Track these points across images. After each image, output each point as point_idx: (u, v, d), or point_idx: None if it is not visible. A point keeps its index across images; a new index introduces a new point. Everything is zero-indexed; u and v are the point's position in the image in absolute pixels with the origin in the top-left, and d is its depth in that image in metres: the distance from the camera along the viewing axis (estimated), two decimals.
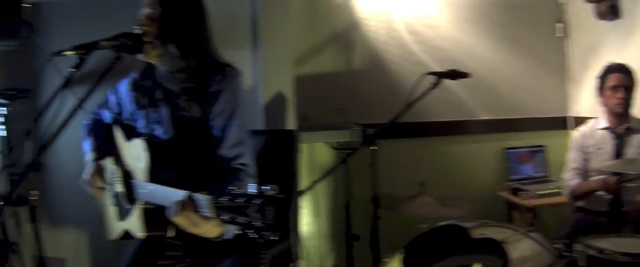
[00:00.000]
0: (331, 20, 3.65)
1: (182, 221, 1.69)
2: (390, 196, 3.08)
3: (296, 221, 2.68)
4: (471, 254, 2.54)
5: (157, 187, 1.89)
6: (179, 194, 1.72)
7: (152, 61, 2.12)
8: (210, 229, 1.77)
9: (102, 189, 2.26)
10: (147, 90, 2.21)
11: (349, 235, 3.29)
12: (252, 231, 1.43)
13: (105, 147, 2.34)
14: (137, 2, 2.15)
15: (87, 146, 2.38)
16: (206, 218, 1.67)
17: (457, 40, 3.81)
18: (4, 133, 3.04)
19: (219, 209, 1.53)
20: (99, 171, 2.24)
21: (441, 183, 3.38)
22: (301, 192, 2.88)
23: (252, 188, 1.44)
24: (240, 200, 1.45)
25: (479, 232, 2.61)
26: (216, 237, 1.83)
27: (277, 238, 1.41)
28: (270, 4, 3.11)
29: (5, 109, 3.02)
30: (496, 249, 2.45)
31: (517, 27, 3.92)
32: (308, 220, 3.59)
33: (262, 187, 1.42)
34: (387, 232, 3.12)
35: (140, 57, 2.07)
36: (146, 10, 2.05)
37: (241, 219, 1.45)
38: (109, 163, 2.29)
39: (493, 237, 2.52)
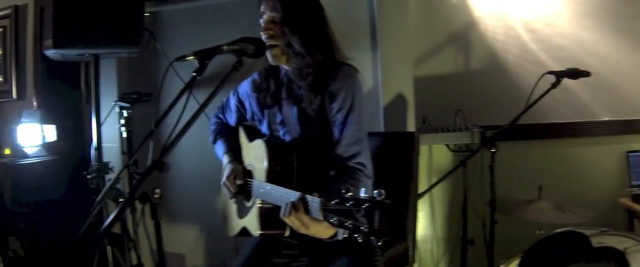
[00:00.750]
0: (449, 20, 3.60)
1: (293, 221, 1.75)
2: (507, 200, 3.00)
3: (414, 224, 2.68)
4: (591, 263, 2.45)
5: (274, 188, 1.95)
6: (293, 195, 1.77)
7: (277, 62, 2.18)
8: (321, 231, 1.82)
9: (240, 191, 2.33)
10: (271, 90, 2.28)
11: (465, 239, 3.26)
12: (359, 235, 1.45)
13: (237, 146, 2.44)
14: (252, 8, 2.23)
15: (220, 149, 2.48)
16: (316, 220, 1.71)
17: (577, 37, 3.62)
18: (126, 134, 3.23)
19: (328, 212, 1.56)
20: (237, 173, 2.31)
21: (559, 187, 3.25)
22: (419, 195, 2.89)
23: (362, 193, 1.45)
24: (349, 204, 1.47)
25: (597, 241, 2.51)
26: (328, 239, 1.87)
27: (380, 244, 1.42)
28: (388, 6, 3.10)
29: (127, 111, 3.20)
30: (617, 259, 2.36)
31: None
32: (423, 223, 3.58)
33: (373, 192, 1.44)
34: (502, 237, 3.05)
35: (273, 61, 2.16)
36: (268, 15, 2.12)
37: (349, 223, 1.48)
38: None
39: (614, 247, 2.42)
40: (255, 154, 2.24)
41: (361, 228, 1.43)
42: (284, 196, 1.85)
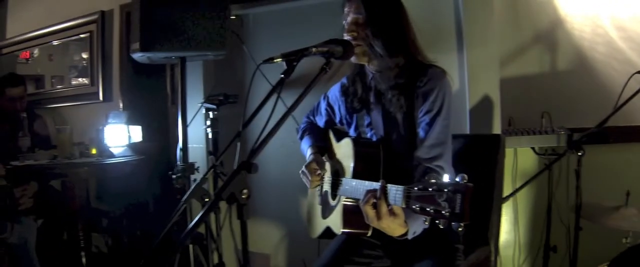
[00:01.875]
0: (534, 19, 3.49)
1: (368, 211, 1.75)
2: (593, 206, 2.89)
3: (497, 228, 2.63)
4: None
5: (359, 182, 1.97)
6: (377, 186, 1.79)
7: (359, 61, 2.20)
8: (392, 227, 1.81)
9: (319, 179, 2.38)
10: (359, 94, 2.31)
11: (547, 246, 3.18)
12: (440, 221, 1.45)
13: (323, 143, 2.49)
14: (335, 10, 2.24)
15: (305, 144, 2.54)
16: (392, 215, 1.72)
17: None
18: (212, 135, 3.29)
19: (410, 198, 1.56)
20: (318, 162, 2.36)
21: None
22: (503, 199, 2.83)
23: (446, 178, 1.46)
24: (432, 189, 1.47)
25: None
26: (398, 237, 1.87)
27: (462, 228, 1.42)
28: (474, 6, 3.06)
29: (213, 112, 3.26)
30: None
31: None
32: (506, 228, 3.51)
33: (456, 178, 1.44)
34: (586, 244, 2.94)
35: (354, 59, 2.17)
36: (352, 16, 2.14)
37: (430, 209, 1.47)
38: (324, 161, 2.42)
39: None
40: (343, 153, 2.27)
41: (443, 212, 1.43)
42: (368, 187, 1.87)
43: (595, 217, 2.82)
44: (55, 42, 4.85)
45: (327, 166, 2.40)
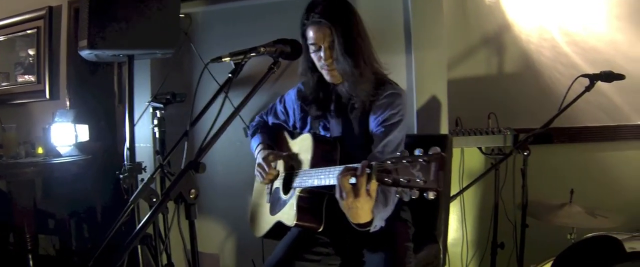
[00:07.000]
0: (483, 23, 3.56)
1: (347, 184, 1.73)
2: (539, 204, 2.97)
3: (445, 227, 2.67)
4: None
5: (319, 170, 2.01)
6: (340, 168, 1.79)
7: (335, 82, 2.26)
8: (365, 209, 1.81)
9: (276, 172, 2.39)
10: (319, 103, 2.36)
11: (495, 243, 3.24)
12: (413, 191, 1.46)
13: (273, 142, 2.51)
14: (288, 9, 2.24)
15: (255, 142, 2.55)
16: (369, 195, 1.70)
17: (612, 40, 3.55)
18: (159, 135, 3.25)
19: (383, 171, 1.57)
20: (275, 155, 2.38)
21: (591, 192, 3.21)
22: (451, 198, 2.88)
23: (417, 152, 1.47)
24: (405, 160, 1.48)
25: (629, 246, 2.47)
26: (361, 227, 1.88)
27: (433, 198, 1.43)
28: (423, 8, 3.09)
29: (160, 112, 3.22)
30: None
31: None
32: (454, 226, 3.56)
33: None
34: (532, 241, 3.02)
35: (330, 80, 2.25)
36: (326, 42, 2.17)
37: (403, 178, 1.48)
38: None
39: None
40: (300, 147, 2.30)
41: (417, 180, 1.44)
42: (329, 172, 1.90)
43: (540, 214, 2.89)
44: (0, 38, 4.71)
45: (280, 164, 2.41)
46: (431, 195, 1.43)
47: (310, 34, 2.17)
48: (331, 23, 2.11)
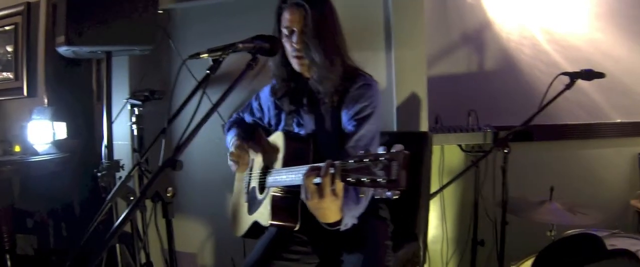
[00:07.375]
0: (464, 20, 3.58)
1: (311, 185, 1.70)
2: (519, 201, 2.98)
3: (425, 224, 2.67)
4: (604, 266, 2.45)
5: (291, 169, 1.98)
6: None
7: (303, 71, 2.24)
8: (332, 209, 1.79)
9: (247, 162, 2.40)
10: (293, 97, 2.34)
11: (475, 240, 3.25)
12: (377, 189, 1.42)
13: (248, 137, 2.49)
14: (266, 6, 2.23)
15: (230, 135, 2.54)
16: (335, 195, 1.67)
17: (592, 38, 3.60)
18: (137, 132, 3.23)
19: (346, 171, 1.54)
20: (247, 146, 2.39)
21: (571, 189, 3.21)
22: (431, 195, 2.87)
23: (380, 150, 1.44)
24: (368, 160, 1.45)
25: (609, 243, 2.50)
26: (330, 226, 1.87)
27: (396, 197, 1.39)
28: (403, 5, 3.09)
29: (138, 109, 3.20)
30: (630, 261, 2.34)
31: None
32: (434, 223, 3.57)
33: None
34: (513, 238, 3.05)
35: (299, 69, 2.23)
36: (297, 28, 2.15)
37: (366, 178, 1.45)
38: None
39: (627, 249, 2.41)
40: (273, 145, 2.28)
41: (378, 180, 1.41)
42: (298, 171, 1.87)
43: (521, 211, 2.90)
44: None
45: (255, 162, 2.39)
46: (394, 195, 1.40)
47: (286, 16, 2.16)
48: (309, 6, 2.11)
